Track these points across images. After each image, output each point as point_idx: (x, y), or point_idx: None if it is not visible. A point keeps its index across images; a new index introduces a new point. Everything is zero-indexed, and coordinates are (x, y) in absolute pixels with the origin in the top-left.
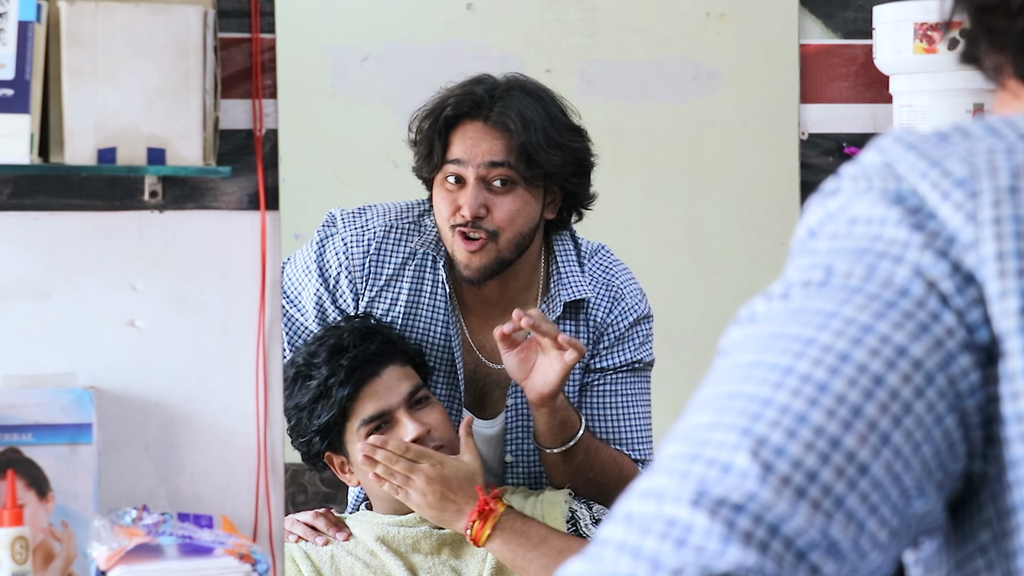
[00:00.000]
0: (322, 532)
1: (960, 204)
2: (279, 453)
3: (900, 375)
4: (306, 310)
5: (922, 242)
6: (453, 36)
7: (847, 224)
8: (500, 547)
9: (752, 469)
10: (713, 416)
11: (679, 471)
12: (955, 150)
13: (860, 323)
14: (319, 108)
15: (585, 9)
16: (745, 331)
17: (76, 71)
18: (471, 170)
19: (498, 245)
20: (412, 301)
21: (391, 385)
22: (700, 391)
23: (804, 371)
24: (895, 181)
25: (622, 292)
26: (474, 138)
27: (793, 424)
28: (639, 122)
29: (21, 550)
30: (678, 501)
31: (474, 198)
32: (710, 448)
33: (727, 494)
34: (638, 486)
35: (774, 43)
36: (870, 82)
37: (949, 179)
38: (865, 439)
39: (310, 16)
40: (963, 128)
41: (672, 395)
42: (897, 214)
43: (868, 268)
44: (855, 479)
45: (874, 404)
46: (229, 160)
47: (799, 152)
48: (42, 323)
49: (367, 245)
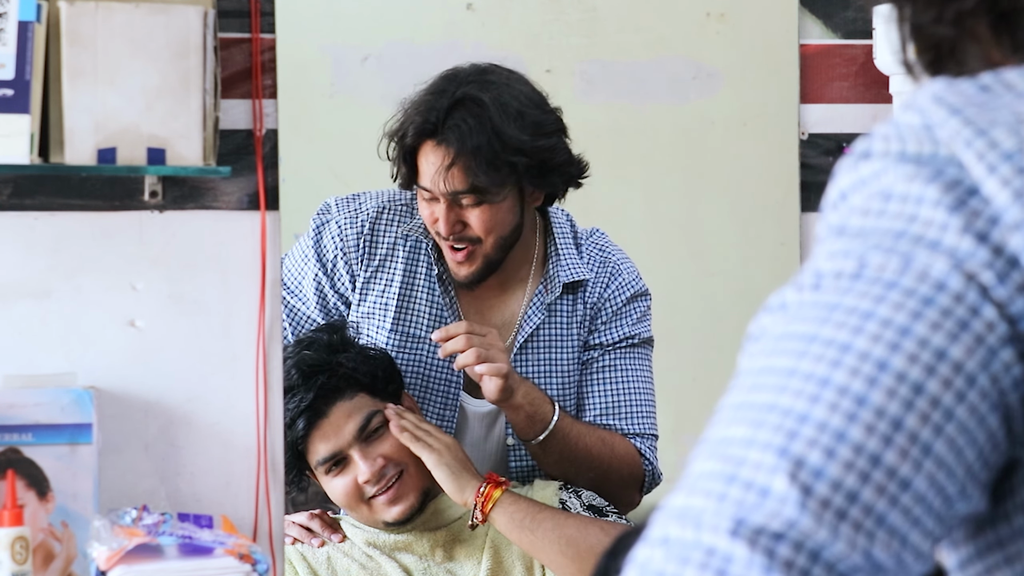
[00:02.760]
0: (317, 534)
1: (1008, 180)
2: (279, 453)
3: (940, 380)
4: (307, 298)
5: (961, 225)
6: (453, 36)
7: (881, 199)
8: (509, 507)
9: (791, 494)
10: (748, 431)
11: (716, 493)
12: (1001, 115)
13: (897, 325)
14: (319, 108)
15: (585, 9)
16: (775, 318)
17: (76, 71)
18: (440, 196)
19: (484, 249)
20: (407, 283)
21: (339, 424)
22: (732, 392)
23: (841, 382)
24: (931, 145)
25: (619, 268)
26: (435, 164)
27: (831, 442)
28: (639, 122)
29: (21, 550)
30: (716, 529)
31: (447, 219)
32: (747, 469)
33: (766, 522)
34: (673, 503)
35: (774, 43)
36: (870, 82)
37: (996, 151)
38: (906, 453)
39: (310, 16)
40: (1005, 79)
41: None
42: (935, 192)
43: (903, 259)
44: (897, 495)
45: (915, 415)
46: (229, 160)
47: (799, 152)
48: (42, 323)
49: (360, 226)
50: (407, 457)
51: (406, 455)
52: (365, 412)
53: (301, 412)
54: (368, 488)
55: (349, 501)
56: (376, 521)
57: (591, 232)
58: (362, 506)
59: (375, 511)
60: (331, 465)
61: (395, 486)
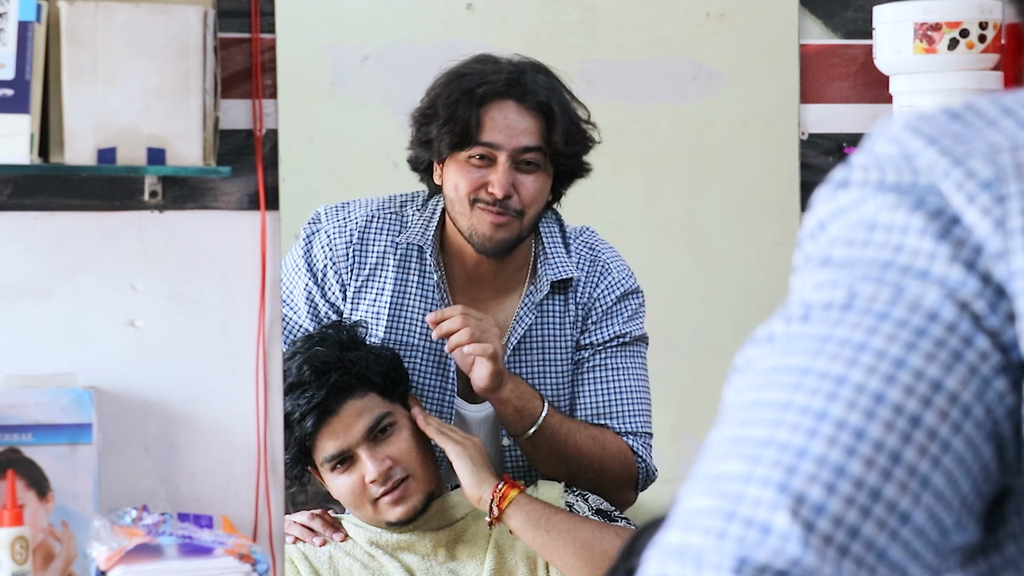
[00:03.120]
0: (319, 533)
1: (987, 209)
2: (279, 453)
3: (937, 412)
4: (298, 307)
5: (949, 254)
6: (453, 36)
7: (865, 229)
8: (525, 507)
9: (793, 531)
10: (745, 466)
11: (715, 530)
12: (976, 145)
13: (891, 357)
14: (319, 108)
15: (585, 9)
16: (763, 351)
17: (76, 71)
18: (504, 152)
19: (522, 223)
20: (398, 291)
21: (349, 423)
22: (723, 426)
23: (838, 416)
24: (911, 174)
25: (608, 267)
26: (509, 119)
27: (832, 478)
28: (639, 122)
29: (21, 550)
30: (719, 568)
31: (507, 178)
32: (746, 505)
33: (770, 560)
34: (669, 541)
35: (774, 43)
36: (870, 82)
37: (973, 180)
38: (906, 487)
39: (310, 16)
40: (976, 108)
41: (671, 394)
42: (920, 221)
43: (894, 289)
44: (897, 530)
45: (913, 448)
46: (229, 160)
47: (799, 152)
48: (42, 323)
49: (349, 235)
50: (414, 461)
51: (413, 459)
52: (376, 412)
53: (312, 408)
54: (374, 488)
55: (353, 500)
56: (379, 521)
57: (581, 231)
58: (366, 505)
59: (379, 511)
60: (337, 463)
61: (400, 487)
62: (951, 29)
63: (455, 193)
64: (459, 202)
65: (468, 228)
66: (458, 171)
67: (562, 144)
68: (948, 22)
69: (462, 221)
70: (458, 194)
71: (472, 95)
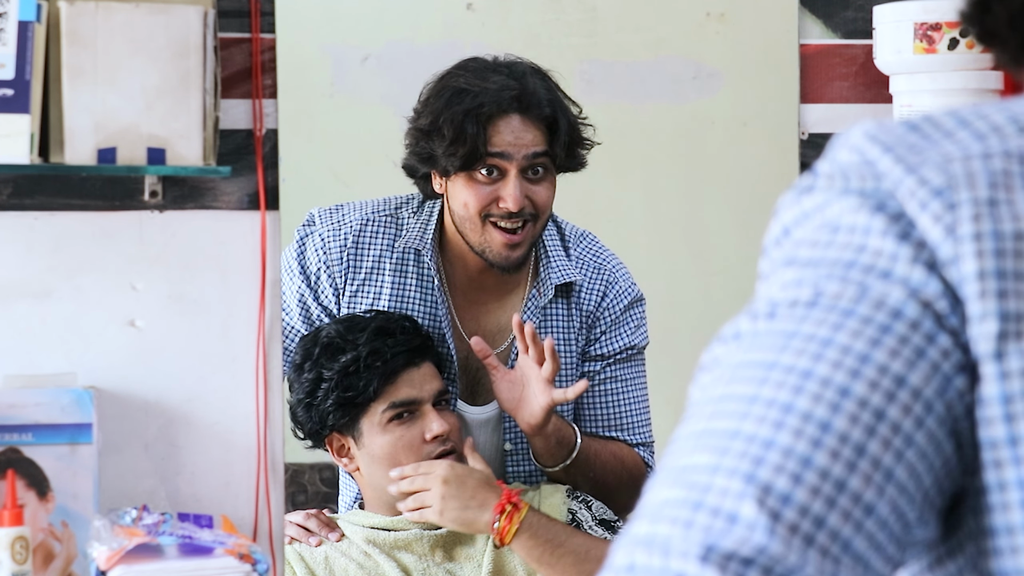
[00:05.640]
0: (315, 533)
1: (938, 216)
2: (279, 453)
3: (900, 407)
4: (290, 309)
5: (910, 255)
6: (453, 36)
7: (829, 232)
8: (528, 542)
9: (760, 520)
10: (712, 457)
11: (682, 519)
12: (930, 155)
13: (856, 352)
14: (319, 108)
15: (585, 9)
16: (729, 348)
17: (76, 71)
18: (514, 164)
19: (535, 230)
20: (396, 295)
21: (427, 379)
22: (689, 421)
23: (804, 408)
24: (874, 180)
25: (615, 276)
26: (516, 132)
27: (798, 468)
28: (639, 122)
29: (21, 550)
30: (685, 556)
31: (519, 190)
32: (713, 495)
33: (736, 548)
34: (636, 531)
35: (774, 43)
36: (870, 82)
37: (925, 188)
38: (870, 479)
39: (310, 16)
40: (934, 120)
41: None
42: (881, 223)
43: (859, 287)
44: (861, 521)
45: (877, 441)
46: (229, 160)
47: (799, 152)
48: (42, 323)
49: (344, 239)
50: (460, 442)
51: (459, 440)
52: (444, 384)
53: (406, 350)
54: (431, 447)
55: (404, 455)
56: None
57: (581, 236)
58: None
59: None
60: (404, 412)
61: (451, 457)
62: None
63: (465, 211)
64: (470, 220)
65: (480, 244)
66: (467, 187)
67: (566, 148)
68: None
69: (473, 237)
70: (468, 212)
71: (479, 115)
